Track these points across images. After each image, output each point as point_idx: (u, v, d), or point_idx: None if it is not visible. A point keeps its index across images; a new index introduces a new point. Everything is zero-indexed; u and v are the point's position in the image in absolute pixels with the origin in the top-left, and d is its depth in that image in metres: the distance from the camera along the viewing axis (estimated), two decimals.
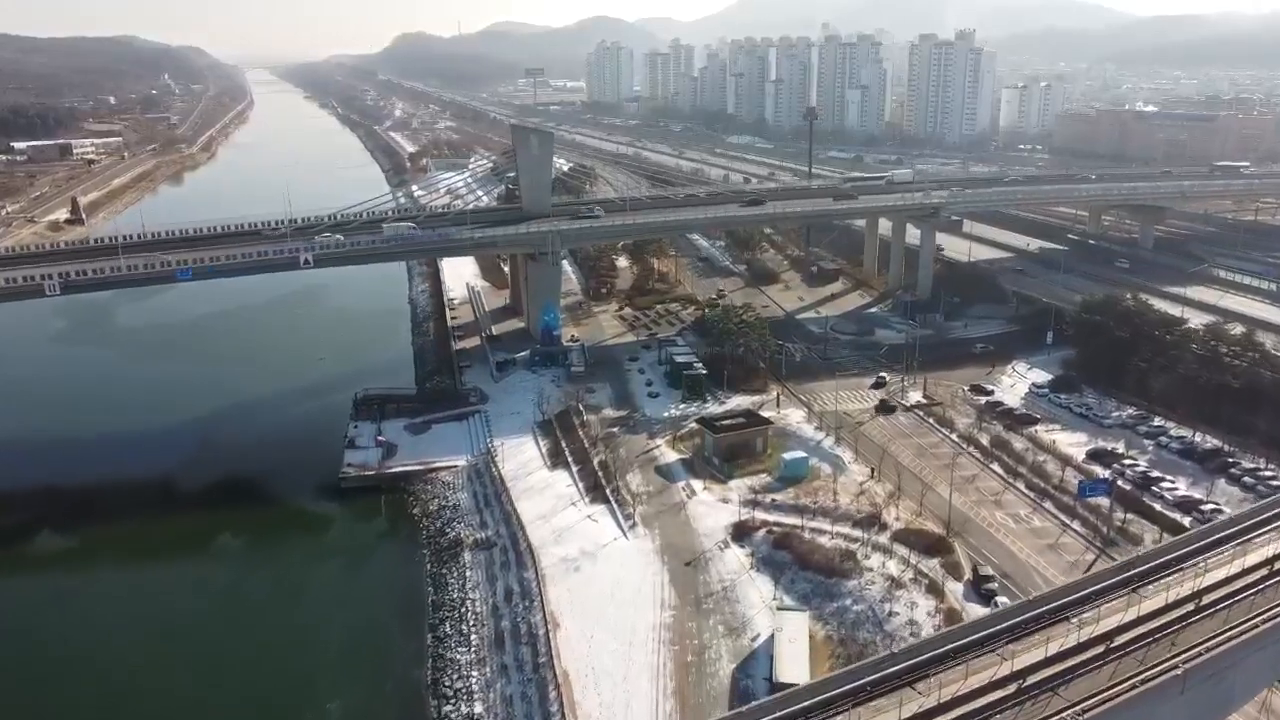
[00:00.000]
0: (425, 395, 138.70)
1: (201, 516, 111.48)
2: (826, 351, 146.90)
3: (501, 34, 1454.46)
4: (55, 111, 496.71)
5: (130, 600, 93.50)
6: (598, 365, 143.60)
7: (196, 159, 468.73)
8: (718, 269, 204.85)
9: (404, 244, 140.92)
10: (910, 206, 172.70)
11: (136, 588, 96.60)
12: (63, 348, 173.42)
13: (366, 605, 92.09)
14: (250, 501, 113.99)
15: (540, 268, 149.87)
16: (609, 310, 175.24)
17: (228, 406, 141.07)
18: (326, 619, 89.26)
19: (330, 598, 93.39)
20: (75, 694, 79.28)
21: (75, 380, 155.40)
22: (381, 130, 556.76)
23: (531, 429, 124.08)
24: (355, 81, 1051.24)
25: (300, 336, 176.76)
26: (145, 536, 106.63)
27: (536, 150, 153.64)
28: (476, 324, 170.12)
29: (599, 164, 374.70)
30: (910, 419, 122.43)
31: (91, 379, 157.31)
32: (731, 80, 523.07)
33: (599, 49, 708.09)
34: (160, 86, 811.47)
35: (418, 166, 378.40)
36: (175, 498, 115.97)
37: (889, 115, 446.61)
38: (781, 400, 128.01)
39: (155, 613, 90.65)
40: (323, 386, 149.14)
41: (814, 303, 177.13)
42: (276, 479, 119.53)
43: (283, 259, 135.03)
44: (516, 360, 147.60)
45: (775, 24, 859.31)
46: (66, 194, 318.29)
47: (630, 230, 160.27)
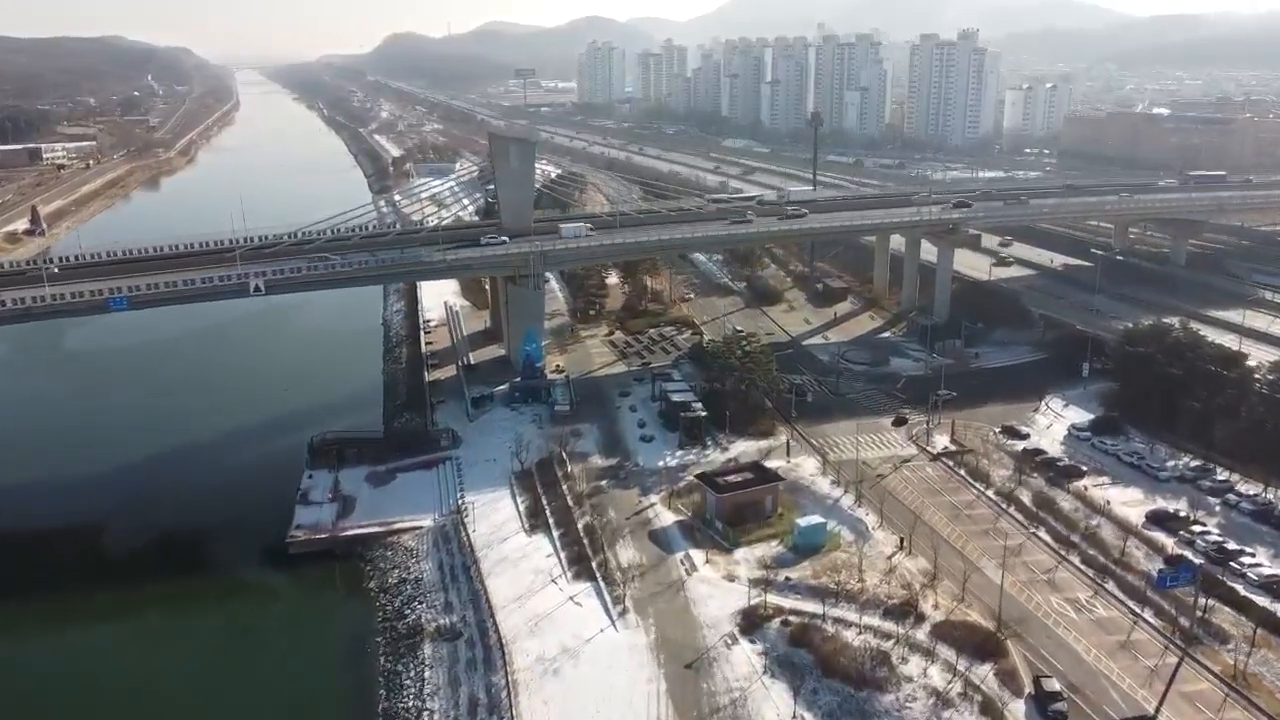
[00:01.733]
0: (392, 437, 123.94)
1: (119, 584, 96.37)
2: (839, 386, 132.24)
3: (493, 34, 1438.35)
4: (27, 114, 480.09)
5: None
6: (585, 401, 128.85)
7: (174, 164, 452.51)
8: (715, 286, 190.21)
9: (368, 269, 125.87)
10: (926, 222, 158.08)
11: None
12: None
13: (305, 714, 77.36)
14: (181, 569, 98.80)
15: (521, 292, 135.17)
16: (598, 335, 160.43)
17: (169, 448, 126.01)
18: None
19: (263, 700, 78.52)
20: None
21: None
22: (367, 133, 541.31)
23: (509, 481, 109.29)
24: (344, 82, 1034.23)
25: (260, 362, 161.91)
26: (44, 607, 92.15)
27: (517, 162, 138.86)
28: (454, 350, 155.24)
29: (590, 170, 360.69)
30: (938, 470, 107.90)
31: (6, 414, 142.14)
32: (726, 81, 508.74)
33: (590, 49, 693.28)
34: (143, 88, 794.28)
35: (400, 171, 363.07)
36: (92, 560, 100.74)
37: (889, 118, 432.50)
38: (792, 446, 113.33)
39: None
40: (280, 423, 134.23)
41: (821, 326, 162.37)
42: (215, 540, 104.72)
43: (230, 286, 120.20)
44: (494, 395, 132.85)
45: (769, 24, 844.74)
46: (29, 202, 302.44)
47: (621, 250, 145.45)
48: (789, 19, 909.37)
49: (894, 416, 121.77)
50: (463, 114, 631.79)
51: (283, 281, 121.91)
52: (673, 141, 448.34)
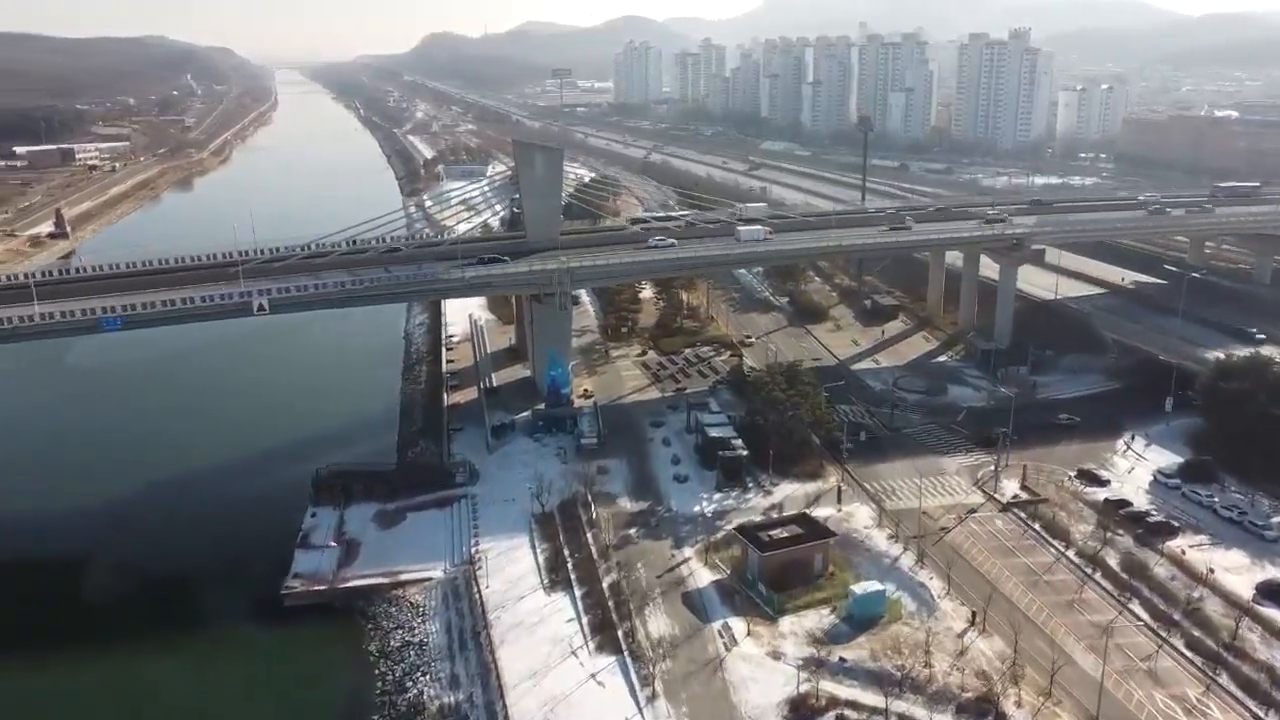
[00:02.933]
0: (404, 470, 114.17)
1: (91, 633, 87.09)
2: (893, 419, 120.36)
3: (529, 34, 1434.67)
4: (62, 114, 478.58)
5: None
6: (614, 432, 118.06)
7: (206, 164, 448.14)
8: (756, 302, 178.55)
9: (379, 287, 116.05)
10: (987, 238, 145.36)
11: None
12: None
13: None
14: (162, 617, 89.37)
15: (547, 312, 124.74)
16: (629, 354, 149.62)
17: (164, 476, 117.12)
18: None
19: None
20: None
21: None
22: (401, 133, 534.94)
23: (528, 525, 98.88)
24: (381, 82, 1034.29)
25: (272, 379, 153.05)
26: (6, 652, 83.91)
27: (543, 171, 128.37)
28: (476, 370, 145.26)
29: (625, 173, 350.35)
30: (1009, 523, 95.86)
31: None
32: (766, 82, 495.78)
33: (627, 49, 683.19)
34: (181, 88, 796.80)
35: (431, 174, 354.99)
36: (65, 603, 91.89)
37: (935, 120, 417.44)
38: (843, 491, 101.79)
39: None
40: (287, 449, 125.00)
41: (871, 348, 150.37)
42: (204, 585, 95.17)
43: (232, 305, 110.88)
44: (516, 424, 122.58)
45: (806, 24, 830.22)
46: (56, 204, 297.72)
47: (658, 267, 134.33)
48: (828, 19, 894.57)
49: (956, 456, 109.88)
50: (497, 114, 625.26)
51: (288, 300, 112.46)
52: (710, 144, 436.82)
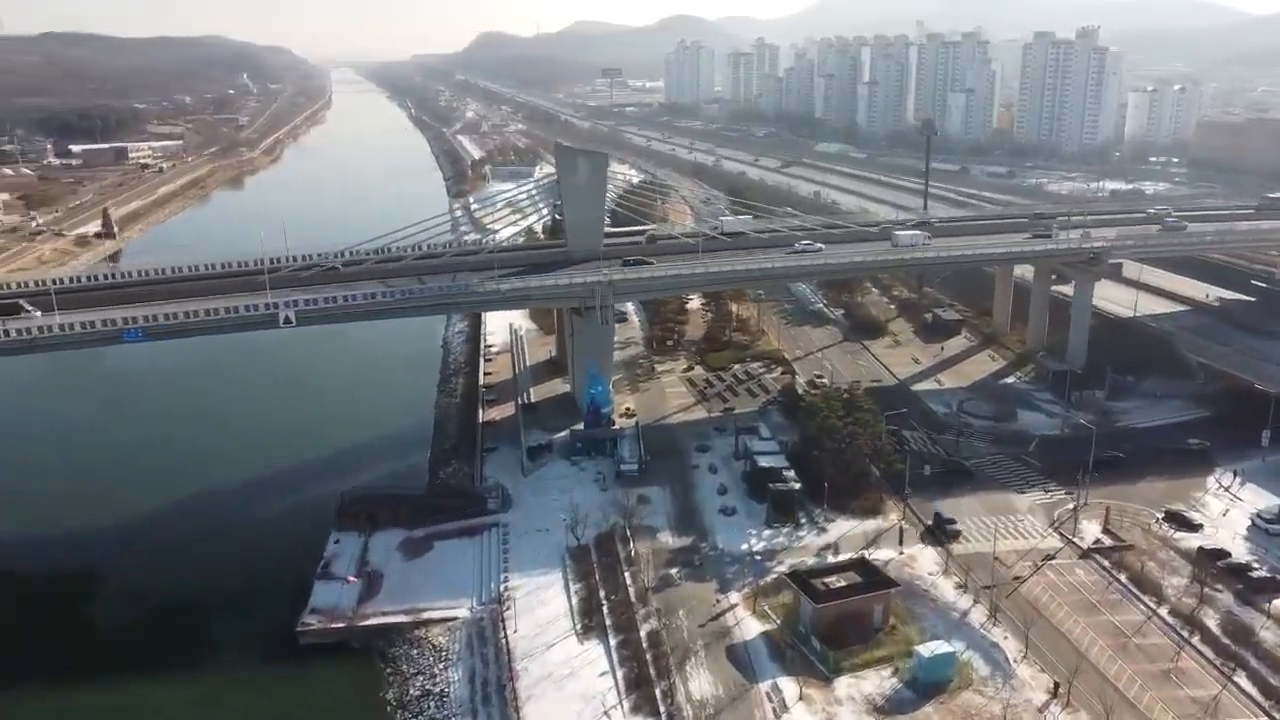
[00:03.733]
0: (433, 494, 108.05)
1: (96, 663, 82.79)
2: (959, 448, 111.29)
3: (581, 33, 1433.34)
4: (118, 113, 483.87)
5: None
6: (656, 457, 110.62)
7: (257, 163, 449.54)
8: (809, 314, 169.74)
9: (412, 299, 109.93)
10: (1063, 252, 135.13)
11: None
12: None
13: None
14: (170, 650, 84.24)
15: (588, 325, 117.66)
16: (675, 369, 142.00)
17: (184, 493, 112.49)
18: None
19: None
20: None
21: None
22: (450, 133, 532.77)
23: (561, 561, 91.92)
24: (433, 82, 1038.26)
25: (303, 389, 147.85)
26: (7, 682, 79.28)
27: (586, 178, 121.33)
28: (514, 384, 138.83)
29: (675, 174, 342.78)
30: (1091, 572, 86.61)
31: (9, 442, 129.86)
32: (820, 82, 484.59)
33: (678, 48, 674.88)
34: (238, 86, 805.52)
35: (478, 174, 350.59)
36: (70, 628, 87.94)
37: (996, 121, 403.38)
38: (905, 531, 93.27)
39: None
40: (315, 465, 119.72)
41: (933, 366, 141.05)
42: (218, 616, 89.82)
43: (257, 317, 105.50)
44: (554, 445, 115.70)
45: (861, 24, 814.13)
46: (106, 203, 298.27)
47: (707, 280, 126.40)
48: (883, 18, 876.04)
49: (1027, 494, 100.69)
50: (547, 114, 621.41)
51: (315, 313, 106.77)
52: (762, 145, 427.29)
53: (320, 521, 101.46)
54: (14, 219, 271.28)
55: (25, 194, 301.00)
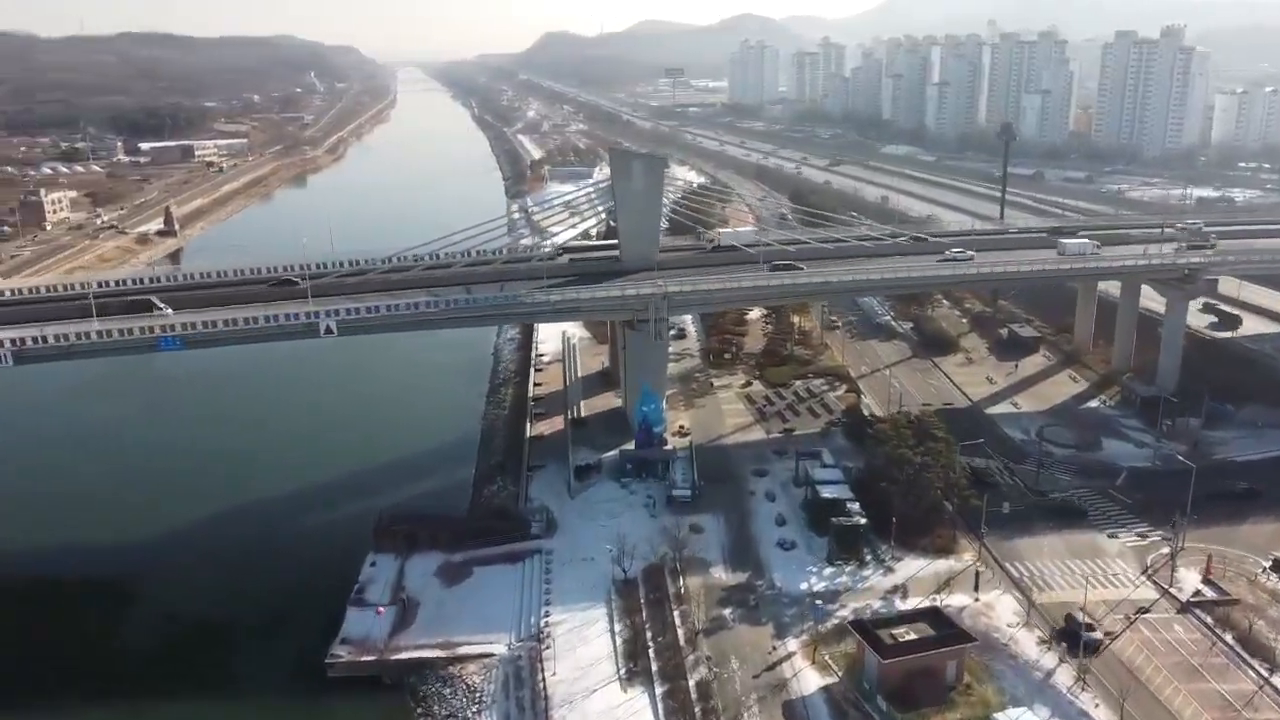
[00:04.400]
0: (475, 516, 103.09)
1: (118, 684, 79.67)
2: (1039, 480, 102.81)
3: (645, 33, 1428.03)
4: (186, 112, 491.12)
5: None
6: (711, 481, 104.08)
7: (319, 162, 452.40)
8: (875, 327, 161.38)
9: (458, 310, 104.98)
10: (1154, 268, 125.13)
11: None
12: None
13: None
14: (195, 675, 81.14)
15: (641, 340, 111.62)
16: (732, 384, 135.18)
17: (219, 507, 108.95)
18: None
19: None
20: None
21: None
22: (511, 133, 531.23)
23: (606, 595, 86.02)
24: (496, 81, 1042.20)
25: (347, 397, 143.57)
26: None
27: (642, 183, 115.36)
28: (564, 397, 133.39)
29: (736, 177, 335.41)
30: (1191, 629, 78.02)
31: (47, 445, 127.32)
32: (888, 82, 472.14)
33: (742, 48, 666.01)
34: (304, 85, 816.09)
35: (537, 175, 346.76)
36: (91, 643, 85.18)
37: (1073, 124, 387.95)
38: (981, 575, 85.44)
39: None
40: (355, 479, 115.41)
41: (1008, 387, 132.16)
42: (245, 640, 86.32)
43: (297, 326, 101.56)
44: (602, 464, 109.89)
45: (930, 23, 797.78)
46: (173, 200, 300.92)
47: (768, 294, 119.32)
48: (953, 17, 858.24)
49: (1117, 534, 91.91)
50: (608, 114, 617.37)
51: (356, 323, 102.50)
52: (827, 147, 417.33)
53: (358, 539, 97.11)
54: (80, 216, 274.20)
55: (93, 191, 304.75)
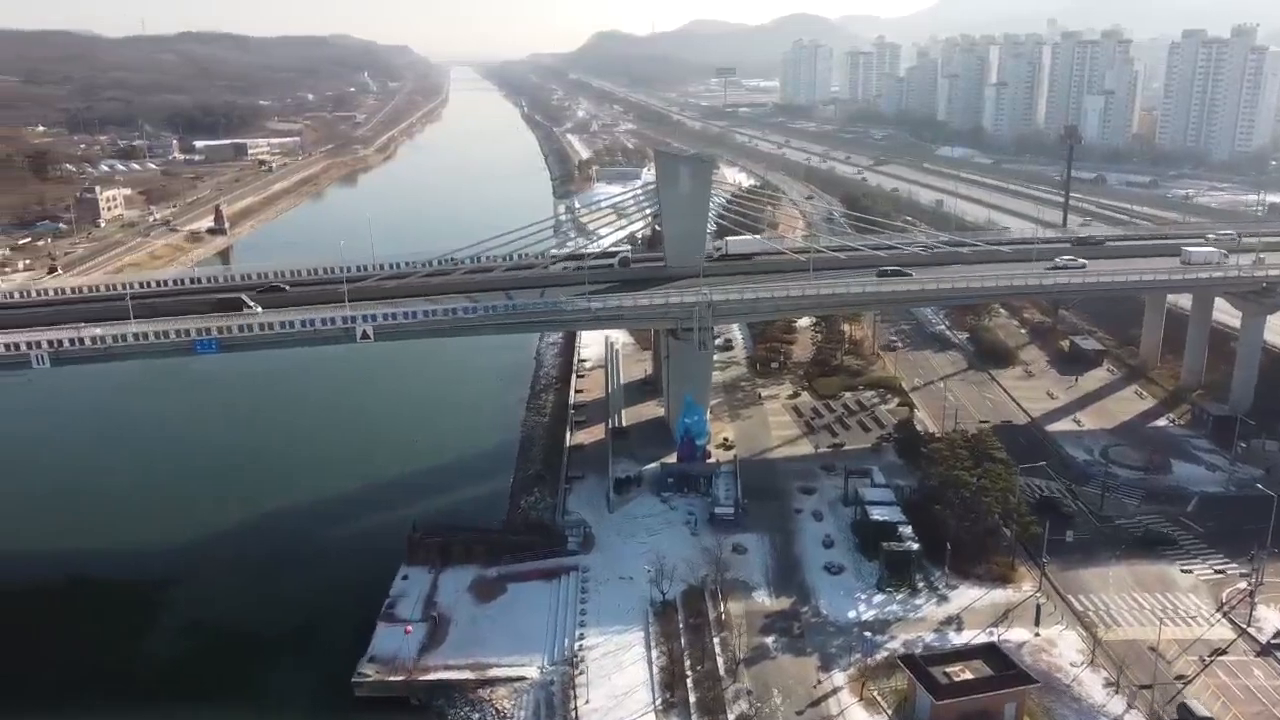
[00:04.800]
0: (511, 529, 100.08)
1: (134, 696, 78.28)
2: (1103, 505, 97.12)
3: (696, 32, 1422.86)
4: (240, 110, 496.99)
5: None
6: (755, 498, 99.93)
7: (370, 161, 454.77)
8: (929, 337, 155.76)
9: (496, 317, 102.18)
10: (1230, 281, 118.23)
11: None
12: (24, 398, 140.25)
13: None
14: (215, 690, 78.90)
15: (684, 349, 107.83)
16: (779, 395, 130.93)
17: (251, 512, 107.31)
18: None
19: None
20: None
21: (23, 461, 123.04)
22: (560, 132, 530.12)
23: (644, 617, 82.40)
24: (547, 80, 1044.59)
25: (384, 400, 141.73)
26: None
27: (689, 186, 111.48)
28: (605, 404, 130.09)
29: (786, 179, 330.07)
30: (1273, 674, 72.26)
31: (64, 453, 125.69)
32: (944, 82, 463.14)
33: (795, 47, 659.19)
34: (358, 84, 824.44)
35: (585, 175, 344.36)
36: (115, 654, 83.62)
37: (1136, 126, 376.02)
38: (1042, 608, 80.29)
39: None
40: (390, 487, 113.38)
41: (1070, 404, 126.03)
42: (269, 652, 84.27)
43: (333, 331, 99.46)
44: (643, 477, 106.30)
45: (986, 22, 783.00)
46: (224, 198, 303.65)
47: (819, 304, 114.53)
48: (1009, 16, 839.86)
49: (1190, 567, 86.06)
50: (658, 114, 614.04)
51: (394, 328, 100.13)
52: (881, 148, 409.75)
53: (391, 549, 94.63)
54: (134, 213, 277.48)
55: (147, 189, 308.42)
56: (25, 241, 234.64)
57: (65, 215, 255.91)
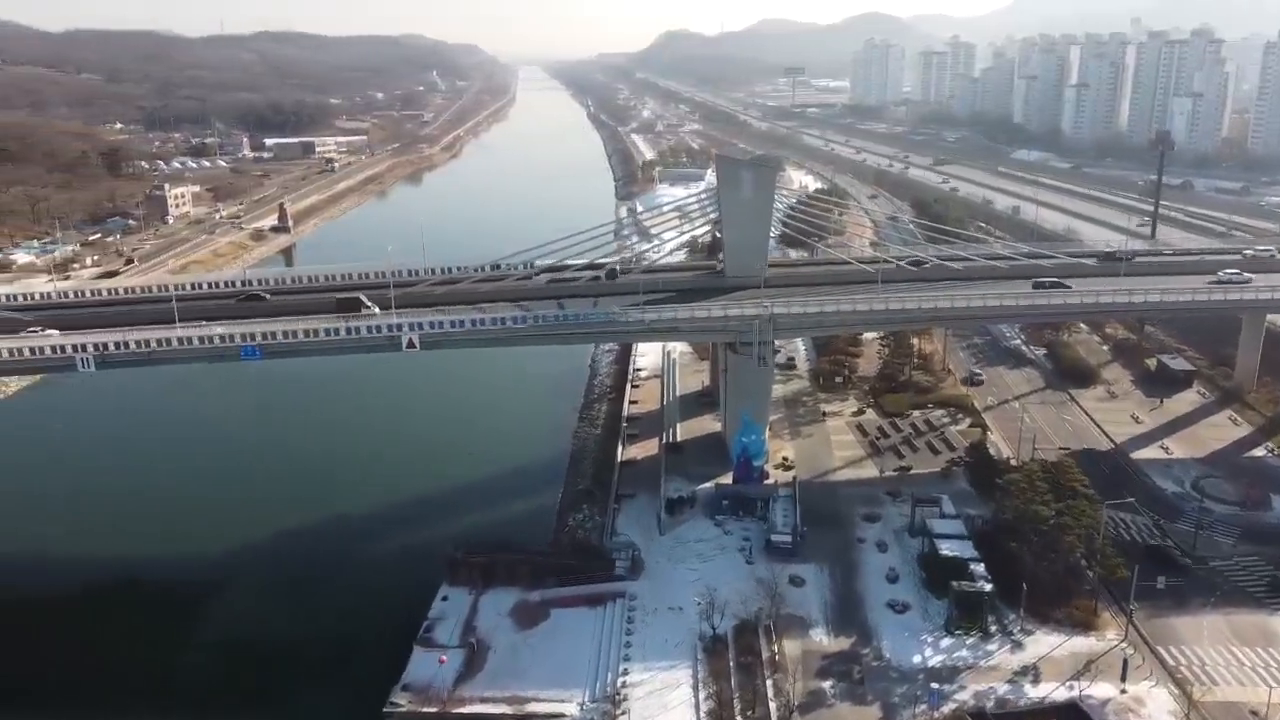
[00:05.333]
0: (556, 551, 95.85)
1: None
2: (1196, 544, 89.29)
3: (766, 31, 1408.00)
4: (309, 108, 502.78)
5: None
6: (814, 524, 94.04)
7: (435, 160, 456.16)
8: (1004, 352, 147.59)
9: (547, 328, 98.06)
10: None
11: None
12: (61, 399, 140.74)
13: None
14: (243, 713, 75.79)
15: (743, 365, 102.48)
16: (843, 412, 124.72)
17: (283, 523, 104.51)
18: None
19: None
20: None
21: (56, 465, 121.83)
22: (624, 132, 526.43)
23: (692, 653, 77.34)
24: (614, 80, 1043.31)
25: (434, 406, 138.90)
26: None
27: (751, 192, 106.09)
28: (660, 417, 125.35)
29: (855, 183, 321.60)
30: None
31: (106, 455, 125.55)
32: (1021, 83, 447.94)
33: (866, 46, 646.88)
34: (427, 83, 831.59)
35: (648, 177, 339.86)
36: (147, 671, 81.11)
37: (1227, 130, 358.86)
38: (1129, 662, 73.26)
39: None
40: (434, 500, 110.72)
41: (1157, 429, 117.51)
42: (302, 679, 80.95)
43: (379, 339, 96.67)
44: (696, 498, 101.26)
45: (1063, 21, 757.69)
46: (289, 196, 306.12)
47: (886, 319, 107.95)
48: (1087, 15, 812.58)
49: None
50: (725, 114, 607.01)
51: (441, 337, 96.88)
52: (953, 151, 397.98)
53: (432, 566, 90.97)
54: (201, 210, 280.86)
55: (215, 186, 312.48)
56: (95, 238, 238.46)
57: (136, 212, 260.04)
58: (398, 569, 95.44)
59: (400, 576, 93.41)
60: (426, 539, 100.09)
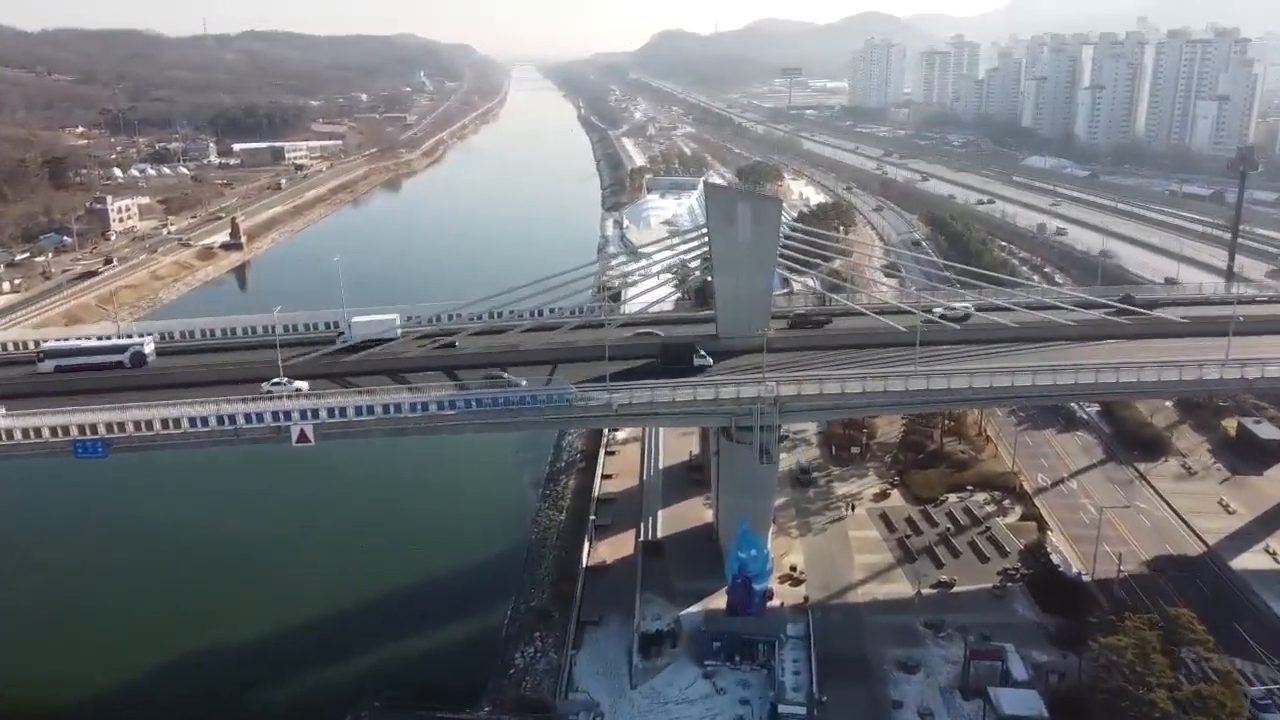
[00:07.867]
0: (499, 708, 72.90)
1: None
2: None
3: (762, 31, 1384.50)
4: (285, 110, 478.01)
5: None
6: (835, 674, 71.09)
7: (414, 165, 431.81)
8: (1050, 411, 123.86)
9: (478, 414, 74.63)
10: None
11: None
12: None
13: None
14: None
15: (741, 456, 79.19)
16: (863, 494, 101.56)
17: (161, 656, 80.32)
18: None
19: None
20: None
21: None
22: (615, 136, 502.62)
23: None
24: (606, 80, 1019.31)
25: (354, 491, 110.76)
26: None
27: (750, 232, 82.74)
28: (638, 499, 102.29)
29: (860, 193, 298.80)
30: None
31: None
32: (1030, 85, 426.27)
33: (865, 46, 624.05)
34: (414, 83, 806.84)
35: (636, 185, 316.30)
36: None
37: (1254, 135, 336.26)
38: None
39: None
40: (348, 621, 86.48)
41: (1255, 521, 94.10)
42: None
43: (259, 430, 73.11)
44: (680, 632, 78.15)
45: (1066, 20, 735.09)
46: (247, 208, 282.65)
47: (926, 401, 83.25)
48: (1094, 15, 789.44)
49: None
50: (719, 116, 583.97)
51: (341, 429, 73.45)
52: (960, 157, 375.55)
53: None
54: (150, 224, 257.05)
55: (168, 197, 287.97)
56: (24, 257, 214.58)
57: (74, 227, 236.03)
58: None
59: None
60: (335, 682, 77.18)
